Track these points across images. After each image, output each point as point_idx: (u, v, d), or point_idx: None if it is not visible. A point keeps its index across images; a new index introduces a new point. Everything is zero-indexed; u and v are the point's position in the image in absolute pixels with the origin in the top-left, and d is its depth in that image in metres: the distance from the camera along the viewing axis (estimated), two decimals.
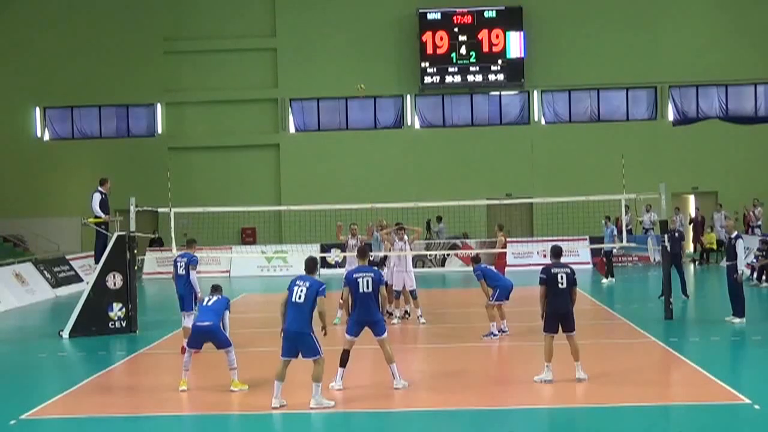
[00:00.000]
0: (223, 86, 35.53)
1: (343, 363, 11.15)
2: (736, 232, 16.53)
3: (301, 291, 10.39)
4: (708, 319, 17.15)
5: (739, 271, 15.94)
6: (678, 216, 29.39)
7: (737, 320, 16.11)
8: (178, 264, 14.66)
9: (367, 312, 11.10)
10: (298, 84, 35.33)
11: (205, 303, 11.92)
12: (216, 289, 12.34)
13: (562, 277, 11.36)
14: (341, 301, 16.66)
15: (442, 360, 13.65)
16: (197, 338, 11.62)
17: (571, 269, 11.54)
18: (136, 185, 27.43)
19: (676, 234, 19.98)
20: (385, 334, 11.21)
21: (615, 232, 25.06)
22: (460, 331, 16.18)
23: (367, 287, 11.09)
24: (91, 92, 35.59)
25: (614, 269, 25.84)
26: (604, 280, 25.08)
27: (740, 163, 33.99)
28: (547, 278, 11.38)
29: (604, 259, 25.71)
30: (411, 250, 17.66)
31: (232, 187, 34.46)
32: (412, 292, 17.04)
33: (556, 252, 11.70)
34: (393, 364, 11.18)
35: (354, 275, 11.24)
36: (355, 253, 16.86)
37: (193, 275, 14.47)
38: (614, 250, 25.68)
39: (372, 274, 11.23)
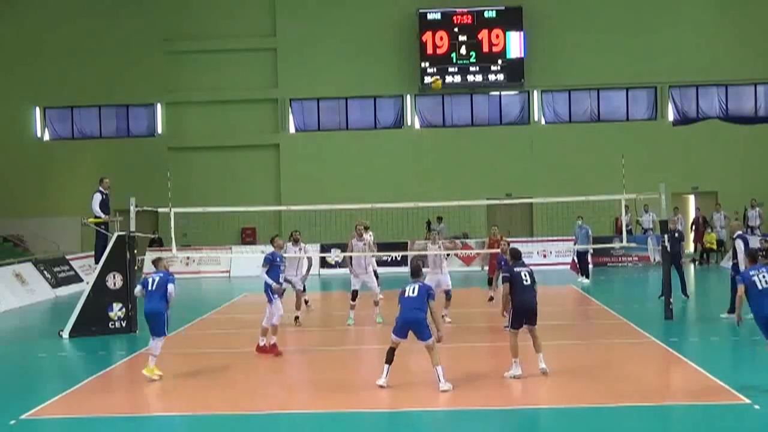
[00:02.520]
0: (223, 86, 35.53)
1: (389, 360, 11.26)
2: (738, 232, 16.67)
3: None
4: (708, 319, 17.15)
5: (742, 269, 16.02)
6: (677, 216, 29.36)
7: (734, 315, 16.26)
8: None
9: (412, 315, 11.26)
10: (298, 84, 35.34)
11: (150, 286, 12.26)
12: (157, 262, 12.88)
13: (525, 275, 11.77)
14: (351, 303, 16.86)
15: (442, 360, 13.61)
16: (148, 322, 12.39)
17: (531, 270, 11.94)
18: (136, 185, 27.42)
19: (676, 234, 19.99)
20: (431, 339, 11.20)
21: (590, 233, 24.79)
22: (460, 331, 16.18)
23: (413, 292, 11.29)
24: (91, 92, 35.61)
25: (615, 269, 25.80)
26: (581, 279, 24.96)
27: (740, 163, 33.98)
28: (511, 275, 11.75)
29: (576, 260, 25.50)
30: (444, 252, 17.84)
31: (232, 187, 34.46)
32: (447, 292, 17.21)
33: (516, 254, 12.19)
34: (438, 367, 11.13)
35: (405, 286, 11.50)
36: (362, 254, 17.24)
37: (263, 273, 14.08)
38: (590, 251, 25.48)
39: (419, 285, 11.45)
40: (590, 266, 25.71)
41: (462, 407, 10.49)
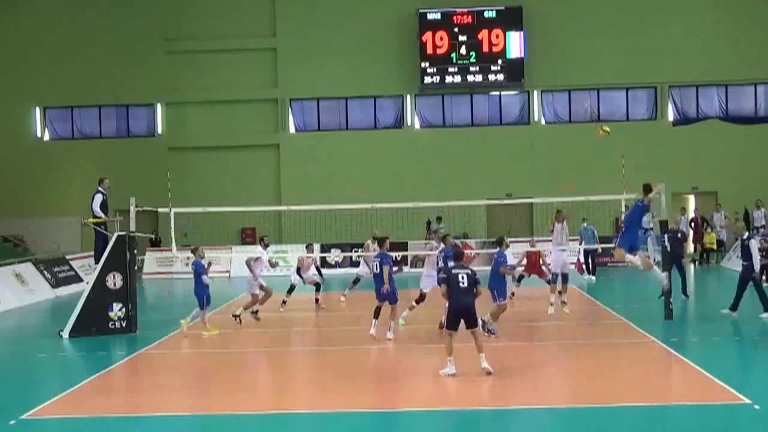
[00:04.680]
0: (223, 86, 35.53)
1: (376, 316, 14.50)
2: (747, 233, 17.14)
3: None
4: (708, 319, 17.14)
5: (756, 270, 16.55)
6: (683, 217, 29.35)
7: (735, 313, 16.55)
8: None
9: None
10: (298, 84, 35.34)
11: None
12: (194, 251, 16.85)
13: (462, 278, 11.81)
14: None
15: (441, 359, 13.62)
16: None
17: (473, 271, 12.06)
18: (136, 185, 27.41)
19: (679, 234, 20.01)
20: (395, 303, 14.62)
21: (596, 233, 25.28)
22: (459, 331, 16.14)
23: (376, 269, 14.45)
24: (91, 92, 35.62)
25: (615, 269, 25.87)
26: (587, 277, 25.26)
27: (740, 163, 33.94)
28: (448, 278, 11.88)
29: (581, 260, 26.22)
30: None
31: (232, 187, 34.44)
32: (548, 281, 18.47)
33: (458, 255, 12.42)
34: (392, 322, 14.56)
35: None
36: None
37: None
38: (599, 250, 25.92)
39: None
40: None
41: (461, 407, 10.49)
